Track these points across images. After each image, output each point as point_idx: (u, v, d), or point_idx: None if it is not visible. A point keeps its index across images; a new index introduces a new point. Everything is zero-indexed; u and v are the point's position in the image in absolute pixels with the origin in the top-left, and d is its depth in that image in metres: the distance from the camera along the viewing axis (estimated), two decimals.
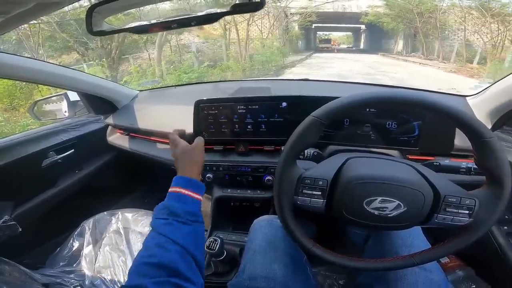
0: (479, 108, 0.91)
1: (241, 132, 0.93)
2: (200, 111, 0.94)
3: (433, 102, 0.45)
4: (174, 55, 10.08)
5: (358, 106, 0.48)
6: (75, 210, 1.15)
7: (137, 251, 0.85)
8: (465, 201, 0.47)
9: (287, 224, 0.53)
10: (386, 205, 0.46)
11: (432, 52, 13.64)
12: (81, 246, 0.94)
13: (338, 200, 0.50)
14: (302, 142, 0.50)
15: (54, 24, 7.97)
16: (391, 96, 0.46)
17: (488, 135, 0.44)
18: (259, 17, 12.09)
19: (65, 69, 1.07)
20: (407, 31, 15.59)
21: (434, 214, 0.48)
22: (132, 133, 1.24)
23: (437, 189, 0.47)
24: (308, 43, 23.65)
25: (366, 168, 0.51)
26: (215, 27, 11.61)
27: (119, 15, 0.49)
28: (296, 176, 0.51)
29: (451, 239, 0.50)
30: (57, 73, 1.02)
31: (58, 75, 1.03)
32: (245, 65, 9.75)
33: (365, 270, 0.54)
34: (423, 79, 8.25)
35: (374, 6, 15.33)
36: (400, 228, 0.51)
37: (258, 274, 0.62)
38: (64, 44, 8.96)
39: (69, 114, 1.32)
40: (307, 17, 14.39)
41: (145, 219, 0.99)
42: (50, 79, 1.02)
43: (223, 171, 0.98)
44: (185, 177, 0.57)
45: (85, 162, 1.25)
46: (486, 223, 0.47)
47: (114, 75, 8.43)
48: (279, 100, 0.88)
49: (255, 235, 0.73)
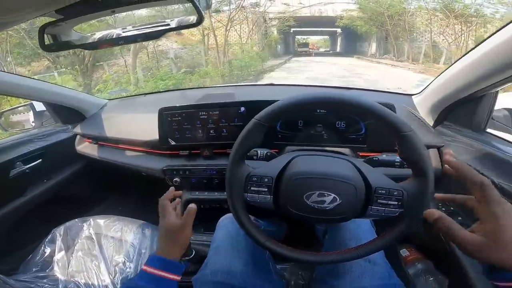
0: (422, 105, 0.98)
1: (205, 137, 0.97)
2: (164, 118, 0.97)
3: (355, 102, 0.48)
4: (151, 62, 9.88)
5: (292, 108, 0.51)
6: (46, 218, 1.15)
7: (110, 255, 0.90)
8: (394, 192, 0.49)
9: (240, 220, 0.56)
10: (324, 198, 0.49)
11: (403, 54, 14.30)
12: (53, 252, 0.94)
13: (283, 196, 0.53)
14: (247, 143, 0.54)
15: (23, 31, 7.64)
16: (316, 97, 0.50)
17: (406, 129, 0.47)
18: (238, 22, 12.16)
19: (30, 79, 1.07)
20: (379, 34, 16.20)
21: (368, 206, 0.51)
22: (101, 141, 1.25)
23: (369, 182, 0.50)
24: (287, 47, 23.98)
25: (307, 165, 0.54)
26: (193, 32, 11.54)
27: (93, 21, 0.53)
28: (245, 174, 0.55)
29: (388, 231, 0.52)
30: (21, 84, 1.02)
31: (22, 86, 1.03)
32: (224, 70, 9.74)
33: (313, 263, 0.56)
34: (394, 80, 8.68)
35: (348, 10, 15.87)
36: (339, 221, 0.54)
37: (219, 268, 0.64)
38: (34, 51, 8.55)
39: (36, 124, 1.32)
40: (285, 21, 14.66)
41: (117, 224, 1.00)
42: (14, 90, 1.03)
43: (189, 175, 1.01)
44: (162, 257, 0.56)
45: (54, 171, 1.24)
46: (415, 213, 0.49)
47: (88, 83, 8.12)
48: (238, 106, 0.93)
49: (219, 232, 0.76)
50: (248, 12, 12.62)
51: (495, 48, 0.61)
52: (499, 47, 0.60)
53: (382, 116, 0.48)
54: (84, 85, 7.93)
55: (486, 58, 0.65)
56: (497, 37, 0.60)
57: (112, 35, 0.52)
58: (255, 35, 13.75)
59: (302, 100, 0.51)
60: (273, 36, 15.73)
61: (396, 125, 0.48)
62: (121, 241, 0.93)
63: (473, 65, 0.69)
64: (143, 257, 0.89)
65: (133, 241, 0.93)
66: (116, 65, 10.08)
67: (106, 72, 9.01)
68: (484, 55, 0.65)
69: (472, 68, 0.70)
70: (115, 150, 1.21)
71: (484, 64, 0.66)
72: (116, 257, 0.89)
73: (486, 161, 0.70)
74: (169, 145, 1.00)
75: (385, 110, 0.48)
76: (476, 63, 0.68)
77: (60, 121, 1.33)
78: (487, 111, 0.80)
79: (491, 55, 0.63)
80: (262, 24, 14.25)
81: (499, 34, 0.60)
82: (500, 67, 0.62)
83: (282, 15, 14.56)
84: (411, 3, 12.92)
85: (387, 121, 0.48)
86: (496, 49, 0.61)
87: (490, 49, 0.63)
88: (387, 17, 13.57)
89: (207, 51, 11.02)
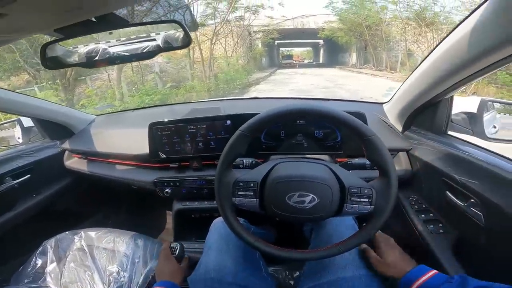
0: (391, 112, 1.05)
1: (194, 150, 1.02)
2: (154, 132, 1.01)
3: (325, 111, 0.55)
4: (136, 76, 9.69)
5: (270, 119, 0.58)
6: (36, 232, 1.15)
7: (103, 266, 0.93)
8: (364, 190, 0.55)
9: (230, 222, 0.61)
10: (303, 198, 0.54)
11: (381, 63, 14.86)
12: (45, 264, 0.95)
13: (267, 198, 0.58)
14: (233, 152, 0.60)
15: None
16: (292, 109, 0.57)
17: (369, 134, 0.53)
18: (223, 36, 12.33)
19: (17, 94, 1.08)
20: (358, 44, 16.79)
21: (344, 204, 0.56)
22: (90, 156, 1.26)
23: (343, 182, 0.56)
24: (272, 60, 24.47)
25: (288, 169, 0.60)
26: None
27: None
28: (232, 180, 0.60)
29: (363, 227, 0.58)
30: (8, 98, 1.04)
31: (9, 100, 1.04)
32: (209, 84, 9.75)
33: (297, 260, 0.60)
34: (374, 89, 9.04)
35: (329, 21, 16.46)
36: (319, 219, 0.59)
37: (212, 266, 0.69)
38: (14, 65, 8.28)
39: (23, 140, 1.33)
40: (269, 34, 14.92)
41: (108, 235, 1.01)
42: (3, 105, 1.04)
43: (180, 186, 1.05)
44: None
45: (43, 186, 1.25)
46: (385, 209, 0.55)
47: (70, 98, 7.88)
48: (224, 119, 0.99)
49: (212, 233, 0.80)
50: (233, 26, 12.81)
51: (441, 56, 0.68)
52: (443, 56, 0.67)
53: (348, 123, 0.55)
54: (67, 100, 7.69)
55: (434, 66, 0.72)
56: (441, 47, 0.68)
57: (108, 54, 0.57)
58: (240, 48, 13.95)
59: (280, 111, 0.58)
60: (258, 49, 15.99)
61: (360, 130, 0.54)
62: (113, 252, 0.94)
63: (425, 74, 0.77)
64: (137, 266, 0.90)
65: (126, 251, 0.94)
66: (99, 79, 9.88)
67: (89, 87, 8.82)
68: (433, 64, 0.72)
69: (424, 77, 0.78)
70: (105, 164, 1.23)
71: (432, 72, 0.73)
72: (110, 267, 0.90)
73: (448, 161, 0.77)
74: (159, 158, 1.04)
75: (351, 118, 0.55)
76: (426, 72, 0.76)
77: (48, 136, 1.34)
78: (445, 115, 0.88)
79: (438, 63, 0.70)
80: (247, 37, 14.47)
81: (443, 44, 0.66)
82: (447, 74, 0.68)
83: (266, 27, 14.82)
84: (387, 13, 13.49)
85: (352, 127, 0.55)
86: (441, 58, 0.68)
87: (437, 57, 0.70)
88: (365, 28, 14.12)
89: (193, 65, 11.02)
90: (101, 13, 0.45)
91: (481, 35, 0.54)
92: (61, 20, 0.45)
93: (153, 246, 1.00)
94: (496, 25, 0.50)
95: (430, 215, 0.83)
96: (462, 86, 0.73)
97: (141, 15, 6.10)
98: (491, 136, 0.89)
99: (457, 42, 0.60)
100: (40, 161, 1.22)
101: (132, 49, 0.60)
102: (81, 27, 0.48)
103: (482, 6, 0.51)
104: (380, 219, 0.55)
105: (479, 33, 0.54)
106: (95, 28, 0.51)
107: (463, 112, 0.95)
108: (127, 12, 0.76)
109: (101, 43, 0.61)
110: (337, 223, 0.77)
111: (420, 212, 0.85)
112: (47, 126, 1.30)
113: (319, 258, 0.62)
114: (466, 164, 0.71)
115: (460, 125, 0.93)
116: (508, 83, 6.92)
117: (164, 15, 7.00)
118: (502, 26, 0.49)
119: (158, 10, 6.84)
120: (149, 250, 0.97)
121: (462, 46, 0.59)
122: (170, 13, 7.17)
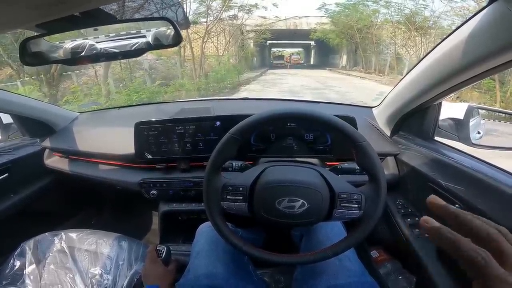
0: (380, 117, 1.07)
1: (181, 151, 0.99)
2: (140, 132, 0.98)
3: (317, 116, 0.55)
4: (124, 73, 9.41)
5: (261, 123, 0.58)
6: (14, 233, 1.10)
7: (85, 268, 0.89)
8: (354, 196, 0.55)
9: (218, 227, 0.60)
10: (293, 203, 0.54)
11: (370, 66, 15.18)
12: (23, 266, 0.90)
13: (257, 202, 0.57)
14: (223, 155, 0.59)
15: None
16: (283, 112, 0.56)
17: (360, 140, 0.54)
18: (215, 34, 12.24)
19: None
20: (349, 47, 17.15)
21: (333, 209, 0.56)
22: (72, 155, 1.21)
23: (333, 188, 0.56)
24: (263, 60, 24.53)
25: (278, 174, 0.59)
26: None
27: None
28: (221, 184, 0.59)
29: (352, 233, 0.57)
30: None
31: None
32: (199, 83, 9.62)
33: (285, 264, 0.60)
34: (363, 91, 9.22)
35: (321, 23, 16.63)
36: (308, 224, 0.59)
37: (202, 272, 0.68)
38: None
39: (2, 137, 1.27)
40: (261, 34, 14.93)
41: (91, 237, 0.98)
42: None
43: (166, 187, 1.02)
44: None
45: (21, 186, 1.19)
46: (374, 215, 0.54)
47: (54, 94, 7.58)
48: (213, 120, 0.97)
49: (200, 239, 0.79)
50: (225, 24, 12.74)
51: (432, 64, 0.69)
52: (434, 64, 0.69)
53: (340, 129, 0.55)
54: (50, 96, 7.41)
55: (425, 73, 0.73)
56: (432, 55, 0.69)
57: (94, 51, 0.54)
58: (232, 47, 13.86)
59: (272, 115, 0.57)
60: (249, 49, 15.96)
61: (352, 136, 0.54)
62: (96, 254, 0.91)
63: (416, 81, 0.79)
64: (121, 269, 0.88)
65: (109, 254, 0.91)
66: (86, 75, 9.57)
67: (75, 83, 8.53)
68: (424, 71, 0.74)
69: (415, 83, 0.79)
70: (88, 164, 1.18)
71: (423, 79, 0.75)
72: (92, 269, 0.87)
73: (434, 166, 0.78)
74: (145, 158, 1.01)
75: (343, 123, 0.55)
76: (417, 79, 0.78)
77: (28, 134, 1.28)
78: (433, 121, 0.90)
79: (429, 71, 0.71)
80: (239, 37, 14.40)
81: (433, 52, 0.68)
82: (437, 82, 0.70)
83: (259, 27, 14.81)
84: (378, 16, 13.83)
85: (344, 133, 0.55)
86: (432, 66, 0.70)
87: (428, 65, 0.71)
88: (356, 30, 14.34)
89: (183, 63, 10.85)
90: (86, 9, 0.43)
91: (473, 44, 0.55)
92: (43, 14, 0.42)
93: (138, 248, 0.97)
94: (488, 36, 0.51)
95: (416, 219, 0.84)
96: (451, 93, 0.74)
97: (132, 12, 5.97)
98: (476, 142, 0.91)
99: (449, 50, 0.61)
100: (19, 159, 1.16)
101: (120, 46, 0.57)
102: (65, 22, 0.45)
103: (475, 17, 0.52)
104: (369, 224, 0.55)
105: (470, 42, 0.55)
106: (80, 24, 0.49)
107: (450, 118, 0.97)
108: (118, 7, 0.74)
109: (89, 39, 0.58)
110: (327, 228, 0.77)
111: (406, 216, 0.87)
112: (27, 123, 1.24)
113: (308, 263, 0.61)
114: (451, 170, 0.73)
115: (446, 131, 0.95)
116: (492, 89, 7.21)
117: (156, 12, 6.88)
118: (494, 36, 0.50)
119: (150, 7, 6.70)
120: (134, 252, 0.95)
121: (454, 54, 0.60)
122: (163, 10, 7.05)
